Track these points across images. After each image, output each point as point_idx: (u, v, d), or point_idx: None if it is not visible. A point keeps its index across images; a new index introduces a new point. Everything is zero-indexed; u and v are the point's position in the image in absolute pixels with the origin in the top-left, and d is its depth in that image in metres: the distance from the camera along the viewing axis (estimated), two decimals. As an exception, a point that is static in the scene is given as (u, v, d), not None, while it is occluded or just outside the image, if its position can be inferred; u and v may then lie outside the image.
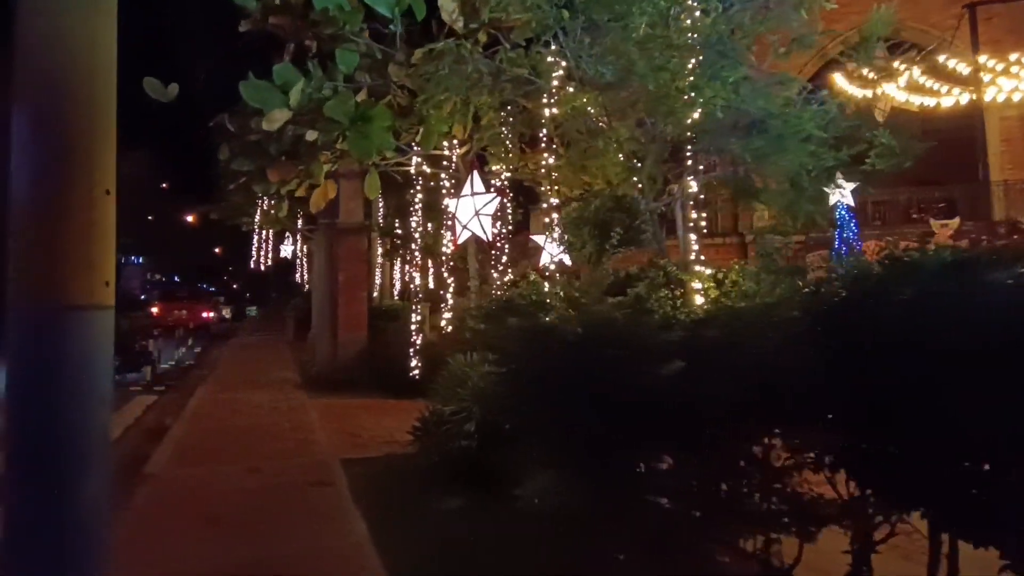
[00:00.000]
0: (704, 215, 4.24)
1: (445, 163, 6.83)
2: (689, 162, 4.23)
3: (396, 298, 15.21)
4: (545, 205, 7.26)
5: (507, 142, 6.10)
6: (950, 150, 13.01)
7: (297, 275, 24.17)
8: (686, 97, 3.69)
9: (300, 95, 3.76)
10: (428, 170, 6.98)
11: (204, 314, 28.44)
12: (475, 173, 5.04)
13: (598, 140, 4.53)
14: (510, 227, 7.77)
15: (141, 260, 48.63)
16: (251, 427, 7.70)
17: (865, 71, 7.96)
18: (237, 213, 15.90)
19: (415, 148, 5.77)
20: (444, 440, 5.21)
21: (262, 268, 22.13)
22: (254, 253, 21.16)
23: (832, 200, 7.13)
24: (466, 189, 5.04)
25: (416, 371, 8.00)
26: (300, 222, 15.30)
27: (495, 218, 5.08)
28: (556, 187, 4.95)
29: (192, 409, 8.86)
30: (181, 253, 45.27)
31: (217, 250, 50.48)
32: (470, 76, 4.20)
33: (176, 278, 50.78)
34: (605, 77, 4.12)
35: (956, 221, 14.91)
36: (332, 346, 11.57)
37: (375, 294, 14.49)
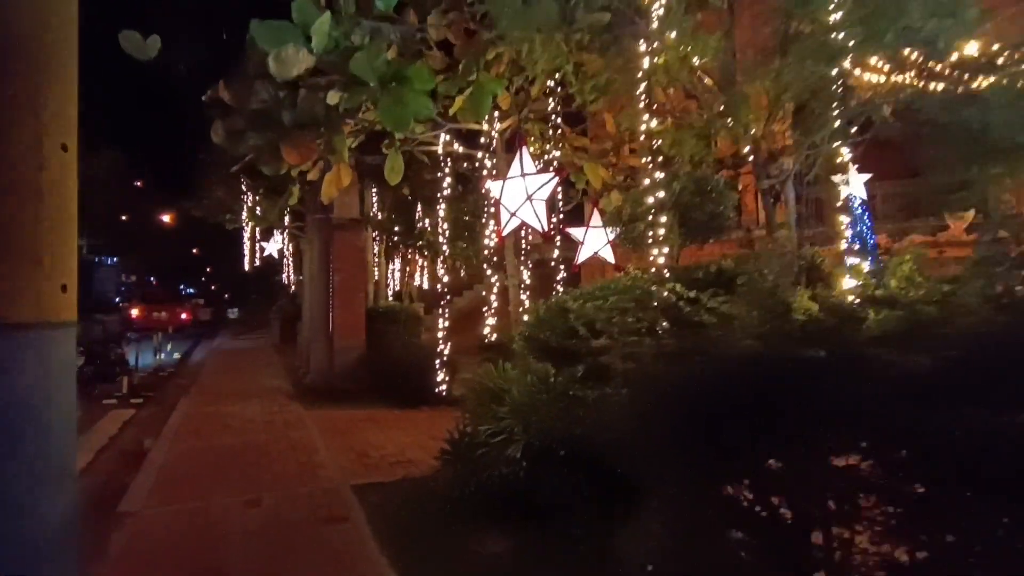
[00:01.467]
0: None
1: (483, 140, 5.97)
2: (836, 123, 3.49)
3: (391, 299, 14.36)
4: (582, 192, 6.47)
5: (555, 116, 5.28)
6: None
7: (282, 275, 23.12)
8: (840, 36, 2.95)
9: (326, 37, 2.95)
10: (460, 150, 6.07)
11: (183, 316, 29.00)
12: (524, 150, 4.23)
13: (742, 89, 3.71)
14: (562, 215, 6.93)
15: (116, 260, 46.94)
16: (244, 447, 6.84)
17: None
18: (221, 210, 14.88)
19: (442, 122, 4.94)
20: (480, 466, 4.47)
21: (253, 267, 21.04)
22: (246, 252, 20.03)
23: (843, 193, 6.47)
24: (514, 169, 4.23)
25: (443, 383, 7.19)
26: (287, 218, 14.32)
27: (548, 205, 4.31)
28: (654, 160, 4.14)
29: (174, 426, 7.96)
30: (157, 253, 43.69)
31: (195, 250, 48.83)
32: (544, 16, 3.39)
33: (152, 279, 49.07)
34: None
35: (971, 214, 14.52)
36: (327, 353, 10.73)
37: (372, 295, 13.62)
